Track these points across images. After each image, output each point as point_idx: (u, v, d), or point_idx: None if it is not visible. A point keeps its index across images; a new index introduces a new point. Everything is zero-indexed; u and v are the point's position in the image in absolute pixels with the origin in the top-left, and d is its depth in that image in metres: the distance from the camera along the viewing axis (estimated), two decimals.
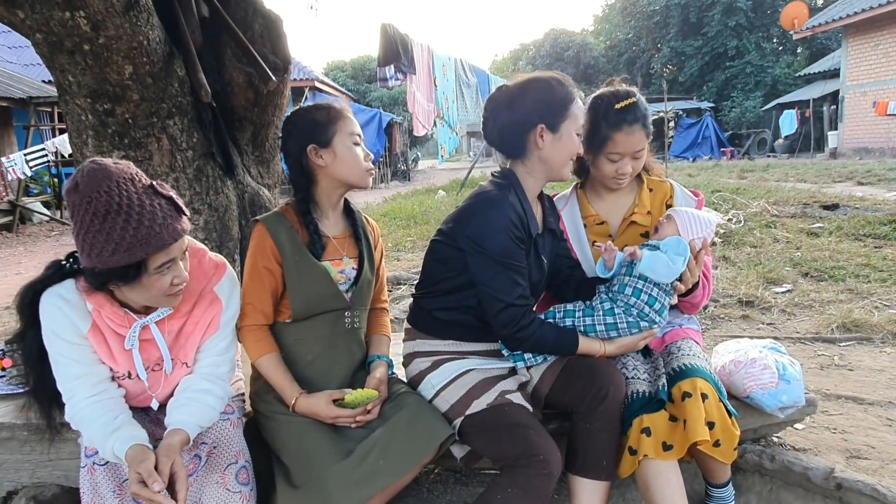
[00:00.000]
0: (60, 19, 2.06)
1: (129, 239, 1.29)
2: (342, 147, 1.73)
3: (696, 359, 1.74)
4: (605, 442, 1.65)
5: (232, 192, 2.68)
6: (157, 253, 1.33)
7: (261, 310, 1.72)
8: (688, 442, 1.55)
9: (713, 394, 1.62)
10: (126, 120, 2.33)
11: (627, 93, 1.86)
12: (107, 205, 1.29)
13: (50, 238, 9.86)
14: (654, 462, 1.59)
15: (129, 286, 1.38)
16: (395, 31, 6.79)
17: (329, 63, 34.60)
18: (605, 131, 1.82)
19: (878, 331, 3.37)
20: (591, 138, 1.86)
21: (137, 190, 1.34)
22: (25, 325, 1.49)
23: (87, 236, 1.30)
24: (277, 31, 2.83)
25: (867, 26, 16.78)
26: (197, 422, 1.47)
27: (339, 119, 1.74)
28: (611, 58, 33.82)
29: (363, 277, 1.81)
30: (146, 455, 1.32)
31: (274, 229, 1.72)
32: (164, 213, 1.35)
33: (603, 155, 1.87)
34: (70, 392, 1.45)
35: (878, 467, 2.03)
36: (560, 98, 1.69)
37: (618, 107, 1.81)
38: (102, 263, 1.31)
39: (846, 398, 2.60)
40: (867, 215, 6.57)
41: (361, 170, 1.77)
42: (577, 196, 2.05)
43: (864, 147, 17.16)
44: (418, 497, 2.05)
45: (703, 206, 1.93)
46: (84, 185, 1.30)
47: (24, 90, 11.86)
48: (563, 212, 1.99)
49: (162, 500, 1.26)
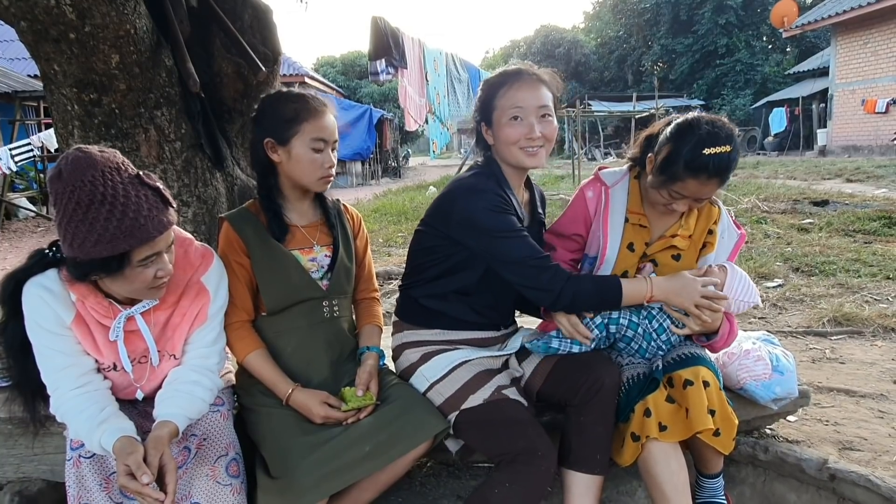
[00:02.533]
0: (45, 7, 2.01)
1: (112, 230, 1.26)
2: (299, 150, 1.65)
3: (698, 349, 1.73)
4: (598, 435, 1.63)
5: (221, 184, 2.64)
6: (141, 245, 1.30)
7: (241, 306, 1.70)
8: (691, 430, 1.54)
9: (714, 382, 1.60)
10: (113, 110, 2.29)
11: (728, 137, 1.57)
12: (90, 194, 1.25)
13: (36, 234, 9.73)
14: (656, 445, 1.58)
15: (112, 278, 1.35)
16: (385, 25, 6.74)
17: (319, 59, 34.41)
18: (681, 170, 1.58)
19: (868, 324, 3.39)
20: (663, 162, 1.62)
21: (123, 180, 1.30)
22: (7, 316, 1.45)
23: (69, 226, 1.27)
24: (267, 21, 2.79)
25: (856, 25, 16.91)
26: (186, 414, 1.44)
27: (307, 119, 1.65)
28: (602, 55, 33.88)
29: (339, 264, 1.79)
30: (134, 447, 1.30)
31: (237, 224, 1.72)
32: (150, 204, 1.32)
33: (666, 188, 1.65)
34: (55, 384, 1.42)
35: (871, 458, 2.04)
36: (487, 95, 1.72)
37: (706, 152, 1.55)
38: (84, 254, 1.28)
39: (838, 391, 2.61)
40: (857, 211, 6.63)
41: (314, 177, 1.69)
42: (630, 184, 1.81)
43: (853, 144, 17.31)
44: (411, 490, 2.03)
45: (741, 246, 1.85)
46: (68, 173, 1.26)
47: (10, 84, 11.70)
48: (612, 188, 1.80)
49: (151, 493, 1.23)
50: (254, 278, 1.72)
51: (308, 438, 1.56)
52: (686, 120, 1.65)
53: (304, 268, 1.74)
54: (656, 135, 1.73)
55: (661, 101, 21.06)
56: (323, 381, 1.74)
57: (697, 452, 1.75)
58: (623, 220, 1.77)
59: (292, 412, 1.64)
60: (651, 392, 1.64)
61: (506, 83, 1.69)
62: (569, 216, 1.87)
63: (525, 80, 1.68)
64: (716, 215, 1.82)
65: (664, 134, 1.68)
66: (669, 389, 1.63)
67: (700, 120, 1.62)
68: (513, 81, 1.68)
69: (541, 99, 1.67)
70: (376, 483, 1.65)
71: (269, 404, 1.67)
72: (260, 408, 1.67)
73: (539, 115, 1.67)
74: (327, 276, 1.78)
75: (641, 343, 1.74)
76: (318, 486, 1.45)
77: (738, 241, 1.84)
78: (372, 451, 1.52)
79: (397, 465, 1.62)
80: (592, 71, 34.17)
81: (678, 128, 1.64)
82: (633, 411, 1.63)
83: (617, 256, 1.75)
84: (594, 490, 1.63)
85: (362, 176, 19.21)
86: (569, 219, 1.87)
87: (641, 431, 1.61)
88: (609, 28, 34.14)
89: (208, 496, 1.48)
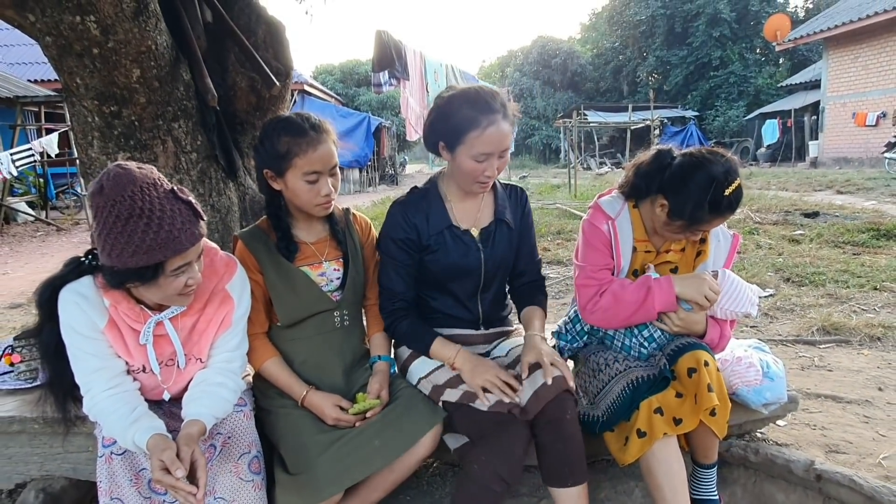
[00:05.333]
0: (71, 23, 2.10)
1: (149, 242, 1.33)
2: (294, 182, 1.71)
3: (692, 338, 1.80)
4: (559, 452, 1.66)
5: (234, 194, 2.73)
6: (174, 256, 1.38)
7: (255, 320, 1.79)
8: (699, 411, 1.62)
9: (713, 362, 1.69)
10: (132, 122, 2.38)
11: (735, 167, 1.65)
12: (130, 208, 1.33)
13: (35, 238, 9.76)
14: (661, 445, 1.66)
15: (146, 286, 1.43)
16: (389, 38, 6.87)
17: (318, 66, 34.58)
18: (707, 214, 1.64)
19: (856, 333, 3.50)
20: (690, 211, 1.65)
21: (159, 195, 1.38)
22: (43, 320, 1.53)
23: (108, 237, 1.34)
24: (280, 37, 2.89)
25: (847, 39, 17.19)
26: (213, 413, 1.53)
27: (297, 155, 1.68)
28: (597, 65, 34.19)
29: (350, 278, 1.88)
30: (168, 444, 1.38)
31: (250, 242, 1.82)
32: (184, 217, 1.40)
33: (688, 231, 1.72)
34: (88, 385, 1.50)
35: (856, 461, 2.14)
36: (459, 124, 1.71)
37: (727, 192, 1.61)
38: (122, 264, 1.35)
39: (826, 397, 2.71)
40: (846, 223, 6.76)
41: (311, 205, 1.75)
42: (631, 214, 1.85)
43: (843, 157, 17.55)
44: (418, 490, 2.11)
45: (737, 246, 1.91)
46: (109, 188, 1.34)
47: (11, 89, 11.75)
48: (616, 220, 1.84)
49: (184, 487, 1.31)
50: (267, 293, 1.82)
51: (324, 437, 1.65)
52: (691, 162, 1.68)
53: (314, 282, 1.83)
54: (646, 165, 1.79)
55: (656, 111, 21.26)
56: (335, 386, 1.83)
57: (694, 441, 1.83)
58: (631, 249, 1.84)
59: (307, 412, 1.74)
60: (660, 391, 1.71)
61: (480, 124, 1.68)
62: (595, 247, 1.85)
63: (498, 124, 1.69)
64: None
65: (671, 178, 1.70)
66: (675, 384, 1.71)
67: (710, 162, 1.65)
68: (488, 124, 1.68)
69: (506, 142, 1.72)
70: (385, 482, 1.74)
71: (286, 405, 1.76)
72: (277, 409, 1.76)
73: (499, 155, 1.74)
74: (339, 290, 1.88)
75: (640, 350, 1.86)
76: (335, 480, 1.55)
77: (732, 244, 1.89)
78: (381, 446, 1.62)
79: (404, 463, 1.70)
80: (588, 81, 34.46)
81: (688, 173, 1.66)
82: (638, 409, 1.70)
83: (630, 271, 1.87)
84: (577, 500, 1.66)
85: (360, 183, 19.31)
86: (597, 248, 1.85)
87: (650, 429, 1.66)
88: (605, 39, 34.47)
89: (231, 491, 1.56)
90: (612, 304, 1.79)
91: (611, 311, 1.80)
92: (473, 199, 1.92)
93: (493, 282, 1.97)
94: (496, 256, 1.92)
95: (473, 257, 1.88)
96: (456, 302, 1.95)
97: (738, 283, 1.80)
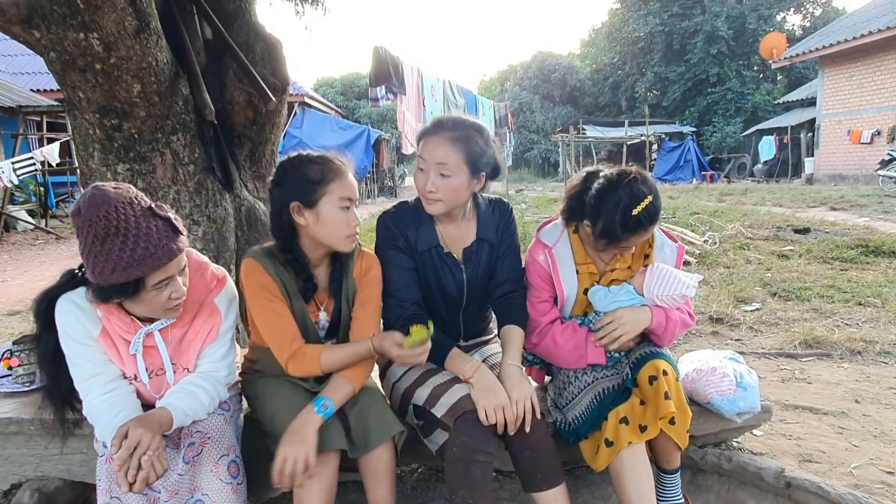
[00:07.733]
0: (74, 40, 2.20)
1: (126, 259, 1.39)
2: (328, 210, 1.67)
3: (655, 346, 1.88)
4: (527, 459, 1.73)
5: (230, 205, 2.81)
6: (153, 271, 1.43)
7: (291, 336, 1.72)
8: (657, 417, 1.71)
9: (672, 372, 1.77)
10: (132, 135, 2.47)
11: (644, 186, 1.73)
12: (105, 228, 1.39)
13: (35, 246, 9.83)
14: (628, 453, 1.73)
15: (130, 301, 1.49)
16: (386, 54, 7.01)
17: (319, 79, 34.93)
18: (620, 233, 1.73)
19: (837, 347, 3.57)
20: (602, 232, 1.76)
21: (136, 213, 1.43)
22: (41, 329, 1.59)
23: (89, 256, 1.41)
24: (277, 54, 2.99)
25: (842, 58, 17.40)
26: (184, 409, 1.57)
27: (333, 180, 1.68)
28: (596, 81, 34.48)
29: (343, 325, 1.87)
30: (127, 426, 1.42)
31: (266, 266, 1.73)
32: (160, 234, 1.44)
33: (611, 248, 1.83)
34: (86, 390, 1.56)
35: (828, 470, 2.21)
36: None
37: (635, 212, 1.70)
38: (104, 280, 1.41)
39: (803, 408, 2.78)
40: (836, 239, 6.85)
41: (342, 236, 1.70)
42: (571, 239, 1.95)
43: (838, 173, 17.70)
44: (402, 493, 2.17)
45: (683, 256, 1.98)
46: (85, 209, 1.41)
47: (13, 99, 11.91)
48: (554, 248, 1.93)
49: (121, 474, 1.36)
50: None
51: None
52: (602, 187, 1.77)
53: (314, 327, 1.83)
54: (577, 189, 1.87)
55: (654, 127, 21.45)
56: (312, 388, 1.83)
57: (658, 447, 1.90)
58: (574, 272, 1.93)
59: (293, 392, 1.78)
60: (624, 401, 1.80)
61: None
62: (533, 280, 1.98)
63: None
64: (649, 239, 1.93)
65: (590, 202, 1.79)
66: (638, 392, 1.80)
67: (615, 183, 1.74)
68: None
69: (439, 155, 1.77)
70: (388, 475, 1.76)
71: (274, 390, 1.80)
72: (266, 390, 1.81)
73: (437, 171, 1.77)
74: (327, 336, 1.88)
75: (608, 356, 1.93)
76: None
77: (679, 254, 1.96)
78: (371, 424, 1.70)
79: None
80: (587, 96, 34.74)
81: (600, 197, 1.76)
82: (606, 419, 1.79)
83: (574, 302, 1.96)
84: (556, 501, 1.73)
85: (359, 195, 19.39)
86: (535, 281, 1.98)
87: (616, 438, 1.75)
88: (604, 55, 34.82)
89: (214, 491, 1.61)
90: (551, 347, 1.95)
91: (549, 354, 1.98)
92: (458, 221, 1.95)
93: (475, 300, 2.02)
94: (478, 276, 1.97)
95: (456, 280, 1.95)
96: (437, 318, 1.96)
97: (667, 271, 1.87)
